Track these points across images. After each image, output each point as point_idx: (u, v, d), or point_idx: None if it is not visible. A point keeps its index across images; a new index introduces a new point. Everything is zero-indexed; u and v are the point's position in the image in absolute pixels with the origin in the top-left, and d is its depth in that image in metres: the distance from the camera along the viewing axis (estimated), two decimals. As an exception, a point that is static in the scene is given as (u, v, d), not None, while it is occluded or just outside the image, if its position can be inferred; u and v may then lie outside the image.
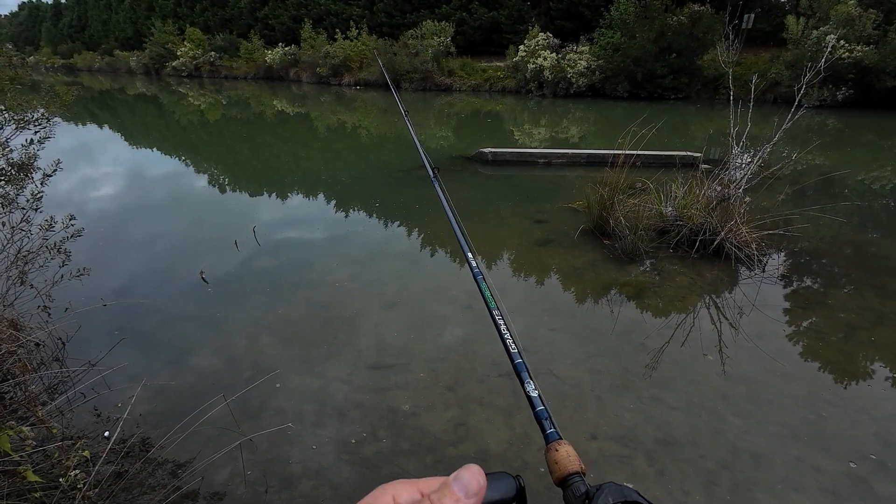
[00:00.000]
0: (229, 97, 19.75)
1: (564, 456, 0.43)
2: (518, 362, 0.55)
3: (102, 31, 45.18)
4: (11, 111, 2.01)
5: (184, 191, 6.51)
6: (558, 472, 0.43)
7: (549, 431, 0.47)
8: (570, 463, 0.43)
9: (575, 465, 0.43)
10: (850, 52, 13.14)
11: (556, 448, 0.45)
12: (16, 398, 2.04)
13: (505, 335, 0.57)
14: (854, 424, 2.14)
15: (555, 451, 0.44)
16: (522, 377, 0.53)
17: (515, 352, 0.56)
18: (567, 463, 0.43)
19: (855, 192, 6.00)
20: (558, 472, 0.43)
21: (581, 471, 0.43)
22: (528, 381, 0.53)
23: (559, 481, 0.43)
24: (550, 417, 0.49)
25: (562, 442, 0.45)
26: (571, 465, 0.43)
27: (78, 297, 2.86)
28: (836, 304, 3.21)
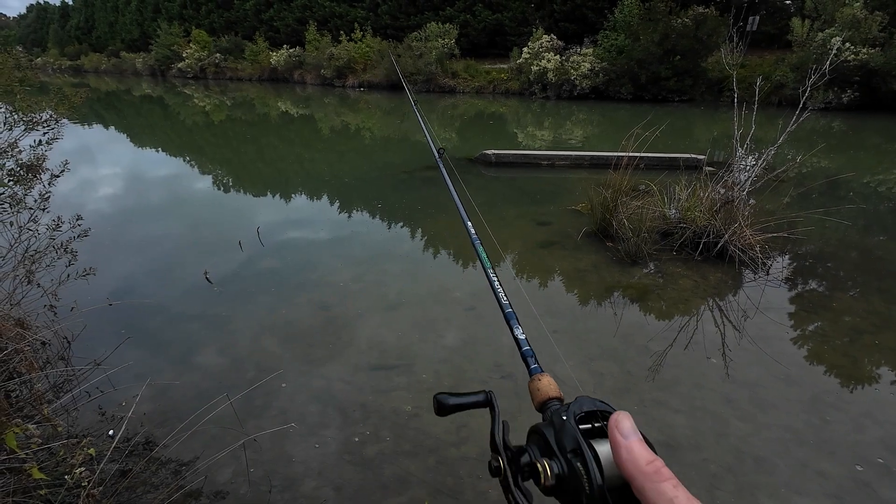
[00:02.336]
0: (234, 98, 19.85)
1: (546, 384, 0.48)
2: (508, 311, 0.62)
3: (109, 33, 45.57)
4: (21, 112, 2.03)
5: (188, 191, 6.55)
6: (539, 398, 0.47)
7: (533, 367, 0.53)
8: (550, 390, 0.47)
9: (554, 391, 0.47)
10: (855, 55, 13.09)
11: (538, 378, 0.49)
12: (21, 396, 2.06)
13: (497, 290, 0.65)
14: (859, 429, 2.12)
15: (537, 381, 0.49)
16: (511, 324, 0.60)
17: (506, 303, 0.64)
18: (547, 390, 0.47)
19: (860, 195, 5.96)
20: (539, 398, 0.47)
21: (559, 396, 0.47)
22: (517, 327, 0.60)
23: (539, 406, 0.47)
24: (535, 356, 0.55)
25: (543, 374, 0.50)
26: (551, 391, 0.47)
27: (84, 297, 2.88)
28: (842, 307, 3.19)
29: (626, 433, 0.35)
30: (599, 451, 0.36)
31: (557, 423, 0.40)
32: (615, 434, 0.35)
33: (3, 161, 2.00)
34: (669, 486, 0.31)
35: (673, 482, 0.32)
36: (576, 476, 0.36)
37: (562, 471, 0.37)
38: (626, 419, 0.35)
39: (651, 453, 0.34)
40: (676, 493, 0.31)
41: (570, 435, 0.38)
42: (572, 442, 0.37)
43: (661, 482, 0.32)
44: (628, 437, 0.34)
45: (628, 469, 0.33)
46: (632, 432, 0.35)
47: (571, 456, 0.37)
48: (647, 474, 0.32)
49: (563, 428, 0.38)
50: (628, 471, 0.33)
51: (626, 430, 0.35)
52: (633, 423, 0.36)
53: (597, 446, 0.36)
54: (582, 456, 0.36)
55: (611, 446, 0.35)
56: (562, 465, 0.37)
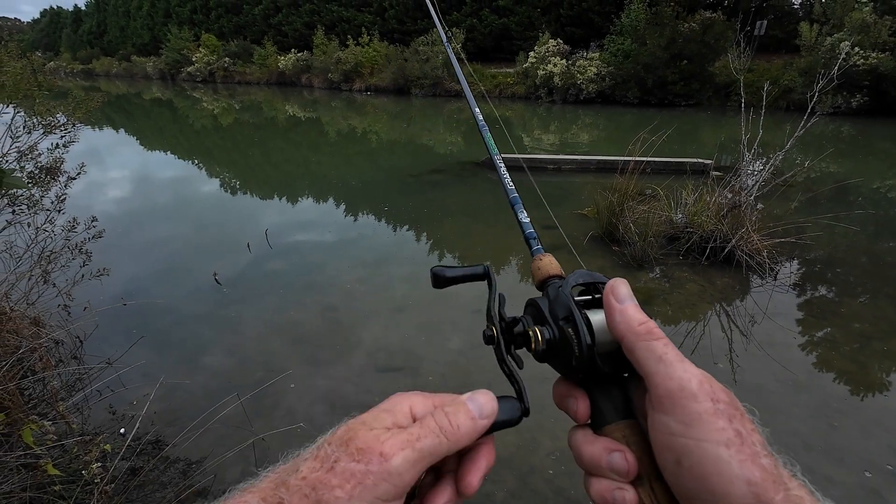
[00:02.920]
0: (242, 102, 20.05)
1: (547, 263, 0.47)
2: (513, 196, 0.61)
3: (120, 38, 46.24)
4: (39, 116, 2.08)
5: (197, 193, 6.62)
6: (539, 276, 0.46)
7: (536, 248, 0.52)
8: (551, 268, 0.46)
9: (555, 269, 0.46)
10: (864, 59, 13.01)
11: (539, 258, 0.49)
12: (36, 394, 2.10)
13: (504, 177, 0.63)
14: (867, 435, 2.11)
15: (538, 260, 0.48)
16: (516, 209, 0.60)
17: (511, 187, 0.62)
18: (548, 268, 0.46)
19: (870, 200, 5.92)
20: (539, 276, 0.46)
21: (560, 274, 0.46)
22: (521, 211, 0.59)
23: (539, 284, 0.46)
24: (538, 237, 0.54)
25: (546, 254, 0.49)
26: (552, 269, 0.46)
27: (96, 297, 2.93)
28: (850, 313, 3.17)
29: (622, 297, 0.34)
30: (593, 319, 0.36)
31: (552, 294, 0.40)
32: (610, 298, 0.34)
33: (23, 164, 2.05)
34: (660, 343, 0.31)
35: (664, 341, 0.32)
36: (566, 340, 0.36)
37: (553, 336, 0.37)
38: (622, 285, 0.35)
39: (644, 315, 0.33)
40: (666, 350, 0.31)
41: (562, 303, 0.38)
42: (565, 309, 0.37)
43: (653, 340, 0.32)
44: (623, 301, 0.34)
45: (620, 329, 0.33)
46: (627, 297, 0.34)
47: (563, 323, 0.37)
48: (638, 333, 0.32)
49: (558, 297, 0.39)
50: (620, 331, 0.33)
51: (621, 295, 0.34)
52: (630, 290, 0.35)
53: (591, 315, 0.36)
54: (573, 321, 0.35)
55: (605, 311, 0.35)
56: (553, 331, 0.37)
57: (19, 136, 2.01)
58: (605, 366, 0.35)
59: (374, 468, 0.27)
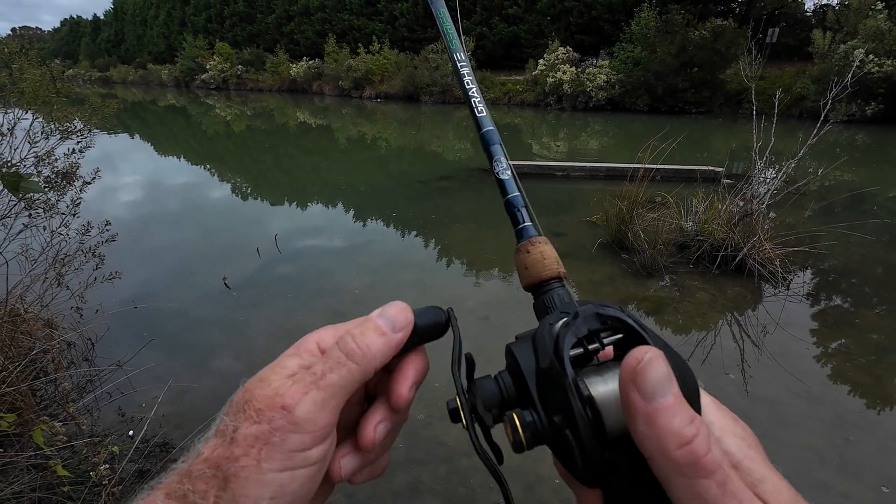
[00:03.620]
0: (254, 109, 20.34)
1: (537, 258, 0.32)
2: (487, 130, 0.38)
3: (137, 46, 47.29)
4: (56, 122, 2.14)
5: (208, 198, 6.71)
6: (528, 277, 0.33)
7: (524, 225, 0.34)
8: (542, 268, 0.32)
9: (551, 268, 0.32)
10: (879, 67, 12.84)
11: (527, 249, 0.33)
12: (47, 395, 2.13)
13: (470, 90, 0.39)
14: (884, 450, 2.06)
15: (525, 253, 0.33)
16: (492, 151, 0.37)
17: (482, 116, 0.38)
18: (539, 268, 0.32)
19: (885, 209, 5.81)
20: (528, 277, 0.33)
21: (560, 275, 0.32)
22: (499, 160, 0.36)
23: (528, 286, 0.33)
24: (528, 207, 0.35)
25: (536, 240, 0.33)
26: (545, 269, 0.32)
27: (107, 300, 2.97)
28: (866, 324, 3.10)
29: (651, 393, 0.21)
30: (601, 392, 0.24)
31: (543, 352, 0.27)
32: (630, 391, 0.22)
33: (41, 168, 2.11)
34: (713, 484, 0.20)
35: (718, 477, 0.20)
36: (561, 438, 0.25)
37: (540, 427, 0.25)
38: (652, 367, 0.21)
39: (689, 423, 0.21)
40: (723, 499, 0.20)
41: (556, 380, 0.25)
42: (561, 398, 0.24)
43: (700, 478, 0.20)
44: (653, 399, 0.21)
45: (647, 448, 0.21)
46: (660, 391, 0.21)
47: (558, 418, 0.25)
48: (677, 464, 0.20)
49: (551, 368, 0.25)
50: (647, 450, 0.21)
51: (650, 388, 0.21)
52: (666, 370, 0.21)
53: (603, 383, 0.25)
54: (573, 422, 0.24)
55: (623, 404, 0.22)
56: (541, 421, 0.26)
57: (37, 142, 2.07)
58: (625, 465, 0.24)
59: (277, 424, 0.24)
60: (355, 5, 28.92)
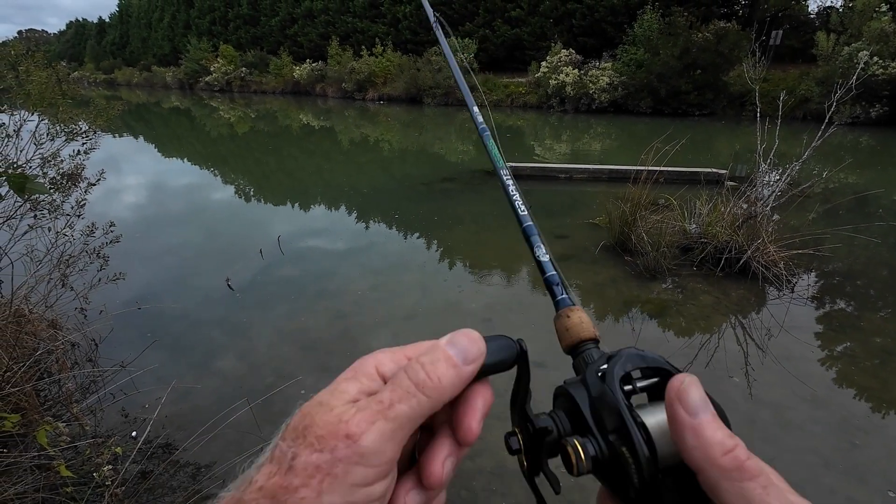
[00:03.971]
0: (258, 111, 20.42)
1: (577, 322, 0.38)
2: (527, 225, 0.47)
3: (142, 49, 47.62)
4: (62, 124, 2.15)
5: (212, 200, 6.73)
6: (568, 340, 0.38)
7: (561, 297, 0.41)
8: (582, 330, 0.37)
9: (588, 331, 0.37)
10: (883, 69, 12.79)
11: (567, 315, 0.39)
12: (51, 395, 2.13)
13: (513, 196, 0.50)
14: (891, 455, 2.04)
15: (566, 318, 0.39)
16: (532, 241, 0.46)
17: (525, 214, 0.48)
18: (579, 329, 0.37)
19: (890, 212, 5.78)
20: (568, 340, 0.38)
21: (595, 337, 0.37)
22: (538, 246, 0.46)
23: (568, 349, 0.38)
24: (563, 282, 0.43)
25: (574, 308, 0.40)
26: (584, 331, 0.37)
27: (112, 301, 2.98)
28: (871, 327, 3.08)
29: (694, 409, 0.25)
30: (651, 423, 0.27)
31: (594, 385, 0.30)
32: (677, 409, 0.25)
33: (46, 170, 2.12)
34: (757, 485, 0.22)
35: (762, 480, 0.23)
36: (619, 461, 0.28)
37: (600, 453, 0.28)
38: (693, 388, 0.25)
39: (729, 436, 0.24)
40: (767, 499, 0.22)
41: (611, 406, 0.29)
42: (614, 416, 0.28)
43: (745, 481, 0.23)
44: (697, 414, 0.25)
45: (696, 460, 0.24)
46: (701, 407, 0.25)
47: (615, 438, 0.28)
48: (724, 468, 0.23)
49: (603, 395, 0.29)
50: (695, 461, 0.24)
51: (693, 405, 0.25)
52: (703, 392, 0.25)
53: (648, 417, 0.28)
54: (629, 439, 0.27)
55: (670, 423, 0.26)
56: (600, 446, 0.28)
57: (43, 143, 2.08)
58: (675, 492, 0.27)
59: (341, 454, 0.23)
60: (358, 8, 29.04)
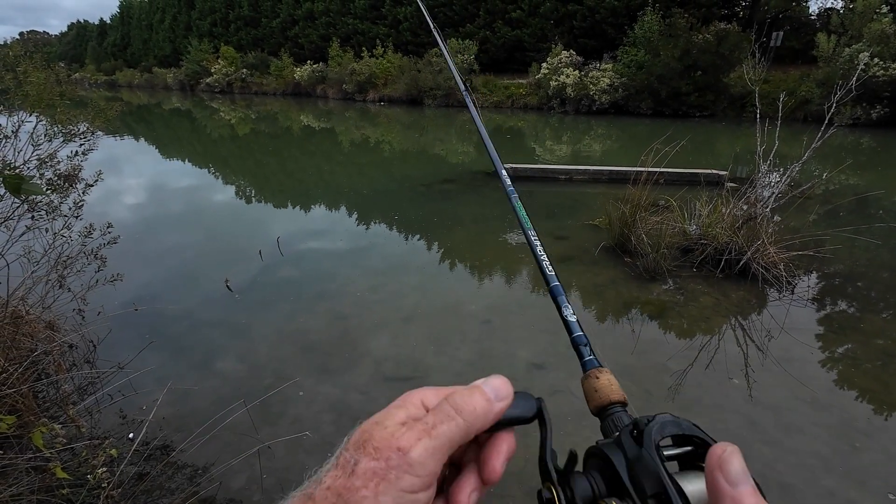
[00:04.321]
0: (258, 112, 20.44)
1: (605, 384, 0.39)
2: (554, 285, 0.50)
3: (143, 50, 47.70)
4: (60, 125, 2.15)
5: (212, 201, 6.73)
6: (596, 401, 0.39)
7: (588, 358, 0.43)
8: (611, 391, 0.39)
9: (617, 394, 0.39)
10: (884, 70, 12.77)
11: (595, 375, 0.41)
12: (49, 397, 2.13)
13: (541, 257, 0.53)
14: (891, 457, 2.02)
15: (594, 379, 0.40)
16: (559, 301, 0.49)
17: (552, 274, 0.51)
18: (608, 391, 0.39)
19: (891, 213, 5.76)
20: (596, 401, 0.39)
21: (623, 400, 0.38)
22: (566, 306, 0.48)
23: (596, 411, 0.39)
24: (590, 344, 0.45)
25: (602, 370, 0.41)
26: (613, 393, 0.39)
27: (110, 302, 2.97)
28: (872, 329, 3.07)
29: (735, 479, 0.26)
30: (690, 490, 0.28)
31: (630, 448, 0.32)
32: (718, 478, 0.26)
33: (43, 171, 2.11)
34: None
35: None
36: None
37: None
38: (734, 458, 0.27)
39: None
40: None
41: (650, 471, 0.29)
42: (654, 482, 0.29)
43: None
44: (737, 484, 0.26)
45: None
46: (742, 478, 0.26)
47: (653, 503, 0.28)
48: None
49: (641, 459, 0.30)
50: None
51: (734, 475, 0.26)
52: (744, 464, 0.26)
53: (686, 484, 0.28)
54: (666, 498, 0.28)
55: (708, 490, 0.27)
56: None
57: (40, 144, 2.08)
58: None
59: (394, 463, 0.27)
60: (359, 9, 29.07)
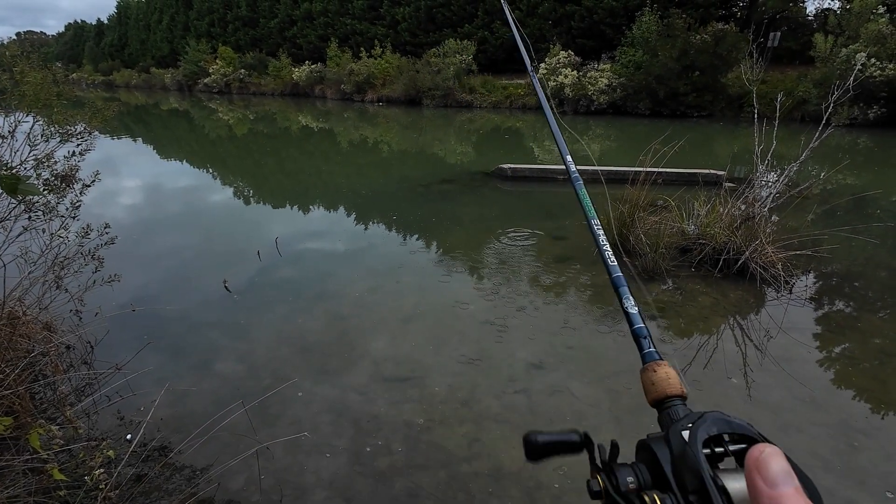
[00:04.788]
0: (256, 113, 20.41)
1: (663, 377, 0.39)
2: (616, 276, 0.50)
3: (140, 50, 47.60)
4: (57, 125, 2.14)
5: (210, 202, 6.72)
6: (654, 394, 0.39)
7: (648, 350, 0.43)
8: (668, 385, 0.39)
9: (675, 387, 0.39)
10: (881, 71, 12.82)
11: (653, 368, 0.41)
12: (46, 398, 2.12)
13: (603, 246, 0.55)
14: (890, 457, 2.03)
15: (652, 372, 0.40)
16: (621, 292, 0.49)
17: (614, 265, 0.52)
18: (665, 385, 0.39)
19: (889, 213, 5.78)
20: (654, 394, 0.39)
21: (681, 394, 0.38)
22: (627, 297, 0.48)
23: (654, 403, 0.39)
24: (650, 336, 0.45)
25: (661, 363, 0.41)
26: (670, 387, 0.39)
27: (107, 303, 2.96)
28: (870, 328, 3.08)
29: (774, 479, 0.25)
30: (733, 488, 0.28)
31: (676, 444, 0.32)
32: (756, 478, 0.25)
33: (40, 171, 2.11)
34: None
35: None
36: None
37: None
38: (774, 458, 0.25)
39: None
40: None
41: (692, 468, 0.29)
42: (695, 479, 0.29)
43: None
44: (777, 485, 0.24)
45: None
46: (783, 478, 0.25)
47: (695, 498, 0.29)
48: None
49: (684, 456, 0.31)
50: None
51: (773, 475, 0.25)
52: (786, 465, 0.25)
53: (729, 481, 0.29)
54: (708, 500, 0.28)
55: (748, 490, 0.26)
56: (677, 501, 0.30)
57: (37, 145, 2.07)
58: None
59: None
60: (357, 10, 29.05)
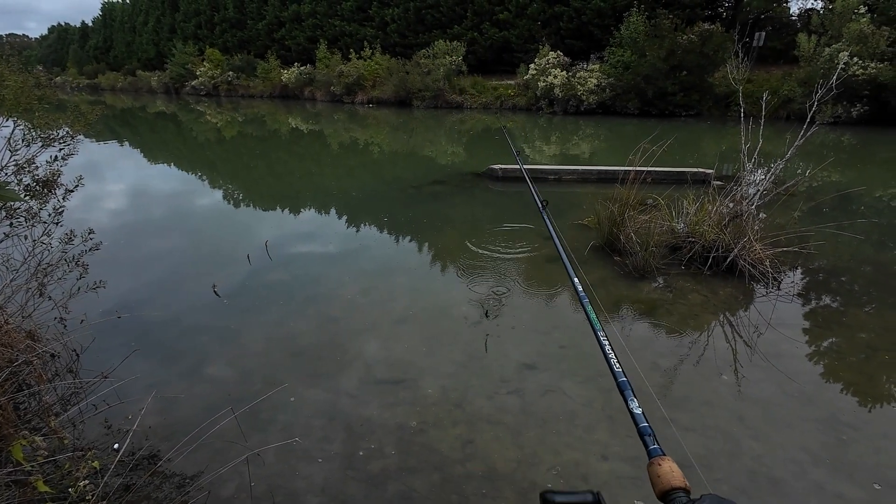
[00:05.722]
0: (245, 115, 20.25)
1: (668, 471, 0.45)
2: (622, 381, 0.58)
3: (126, 53, 47.00)
4: (38, 129, 2.10)
5: (198, 205, 6.64)
6: (661, 486, 0.44)
7: (653, 447, 0.50)
8: (672, 478, 0.44)
9: (678, 480, 0.44)
10: (863, 69, 13.06)
11: (658, 463, 0.47)
12: (30, 408, 2.07)
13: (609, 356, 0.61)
14: (877, 450, 2.06)
15: (657, 466, 0.46)
16: (626, 395, 0.56)
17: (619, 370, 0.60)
18: (670, 478, 0.45)
19: (873, 209, 5.89)
20: (661, 486, 0.44)
21: (685, 487, 0.44)
22: (632, 399, 0.55)
23: (661, 495, 0.44)
24: (654, 434, 0.51)
25: (665, 458, 0.47)
26: (675, 480, 0.44)
27: (93, 310, 2.91)
28: (856, 323, 3.12)
29: None
30: None
31: None
32: None
33: (21, 177, 2.06)
34: None
35: None
36: None
37: None
38: None
39: None
40: None
41: None
42: None
43: None
44: None
45: None
46: None
47: None
48: None
49: None
50: None
51: None
52: None
53: None
54: None
55: None
56: None
57: (18, 150, 2.02)
58: None
59: None
60: (346, 11, 28.96)
